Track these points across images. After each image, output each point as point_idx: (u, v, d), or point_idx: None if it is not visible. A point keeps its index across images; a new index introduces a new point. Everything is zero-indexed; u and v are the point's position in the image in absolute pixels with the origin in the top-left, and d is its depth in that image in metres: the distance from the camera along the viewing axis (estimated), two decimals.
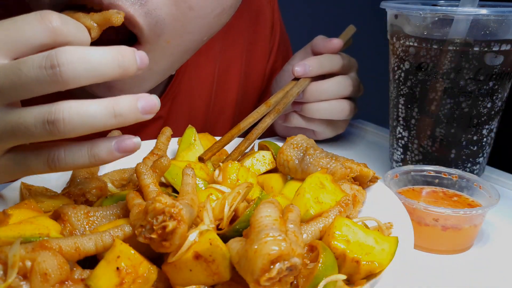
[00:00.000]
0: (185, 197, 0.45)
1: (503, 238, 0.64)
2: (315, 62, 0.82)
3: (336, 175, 0.58)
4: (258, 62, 1.05)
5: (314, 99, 0.83)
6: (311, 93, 0.82)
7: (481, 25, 0.65)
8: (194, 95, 0.96)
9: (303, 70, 0.81)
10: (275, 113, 0.73)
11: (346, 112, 0.86)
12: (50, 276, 0.39)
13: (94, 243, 0.43)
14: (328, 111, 0.84)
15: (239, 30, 0.99)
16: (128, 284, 0.41)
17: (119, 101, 0.43)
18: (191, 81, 0.94)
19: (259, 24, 1.03)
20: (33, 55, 0.42)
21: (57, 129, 0.42)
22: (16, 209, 0.49)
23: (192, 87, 0.95)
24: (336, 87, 0.83)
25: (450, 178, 0.68)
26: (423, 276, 0.56)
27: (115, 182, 0.62)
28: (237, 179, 0.57)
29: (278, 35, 1.07)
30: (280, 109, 0.74)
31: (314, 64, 0.81)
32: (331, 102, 0.84)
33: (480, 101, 0.70)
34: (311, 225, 0.49)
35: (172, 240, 0.41)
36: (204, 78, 0.97)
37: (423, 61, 0.70)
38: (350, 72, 0.88)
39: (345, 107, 0.85)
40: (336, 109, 0.84)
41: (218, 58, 0.98)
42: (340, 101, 0.84)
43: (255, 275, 0.38)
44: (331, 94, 0.83)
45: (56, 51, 0.42)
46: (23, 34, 0.44)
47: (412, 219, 0.58)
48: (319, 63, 0.82)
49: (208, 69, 0.96)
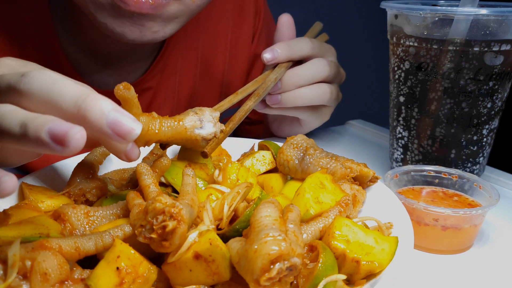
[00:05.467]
0: (185, 197, 0.46)
1: (503, 238, 0.64)
2: (284, 45, 0.79)
3: (336, 175, 0.58)
4: (243, 44, 1.06)
5: (292, 86, 0.79)
6: (287, 80, 0.79)
7: (481, 25, 0.65)
8: (182, 70, 0.99)
9: (272, 55, 0.78)
10: (255, 96, 0.71)
11: (327, 95, 0.82)
12: (50, 276, 0.39)
13: (94, 243, 0.43)
14: (308, 96, 0.80)
15: (223, 11, 1.02)
16: (128, 284, 0.41)
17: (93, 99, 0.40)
18: (178, 57, 0.97)
19: (243, 9, 1.05)
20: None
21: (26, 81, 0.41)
22: (16, 209, 0.49)
23: (180, 63, 0.98)
24: (312, 70, 0.80)
25: (450, 178, 0.68)
26: (423, 276, 0.56)
27: (115, 182, 0.62)
28: (237, 179, 0.57)
29: (261, 21, 1.09)
30: (260, 93, 0.71)
31: (283, 47, 0.78)
32: (310, 87, 0.80)
33: (480, 101, 0.70)
34: (311, 225, 0.49)
35: (172, 240, 0.41)
36: (191, 57, 1.00)
37: (423, 61, 0.70)
38: (326, 56, 0.84)
39: (326, 90, 0.81)
40: (316, 93, 0.80)
41: (203, 36, 1.01)
42: (319, 84, 0.81)
43: (255, 275, 0.38)
44: (308, 77, 0.80)
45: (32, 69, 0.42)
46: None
47: (412, 219, 0.58)
48: (287, 46, 0.79)
49: (193, 48, 1.00)
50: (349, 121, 1.11)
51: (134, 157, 0.49)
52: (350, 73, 3.10)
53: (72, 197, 0.56)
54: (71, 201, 0.55)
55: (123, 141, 0.40)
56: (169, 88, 0.99)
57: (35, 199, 0.54)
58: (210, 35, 1.02)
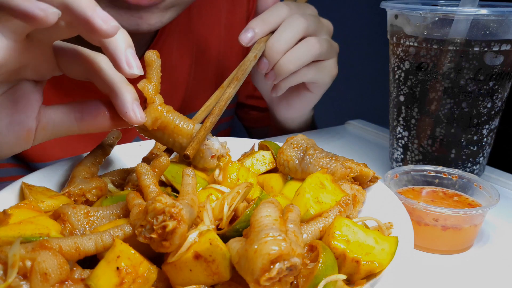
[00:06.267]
0: (185, 197, 0.46)
1: (503, 238, 0.64)
2: (258, 21, 0.75)
3: (336, 175, 0.58)
4: (237, 29, 1.03)
5: (277, 54, 0.74)
6: (270, 51, 0.74)
7: (481, 25, 0.65)
8: (177, 57, 0.98)
9: (249, 37, 0.74)
10: (235, 81, 0.67)
11: (316, 45, 0.76)
12: (50, 276, 0.39)
13: (94, 243, 0.43)
14: (299, 54, 0.75)
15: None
16: (128, 284, 0.41)
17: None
18: (173, 44, 0.97)
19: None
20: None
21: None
22: (16, 209, 0.49)
23: (174, 50, 0.98)
24: (290, 29, 0.74)
25: (450, 178, 0.68)
26: (423, 276, 0.56)
27: (115, 182, 0.62)
28: (237, 178, 0.57)
29: (255, 3, 1.07)
30: (240, 76, 0.68)
31: (258, 24, 0.74)
32: (296, 46, 0.75)
33: (480, 101, 0.70)
34: (311, 225, 0.49)
35: (172, 240, 0.41)
36: (186, 43, 1.00)
37: (423, 61, 0.70)
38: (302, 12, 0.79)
39: (314, 42, 0.76)
40: (305, 48, 0.75)
41: (197, 22, 1.01)
42: (304, 40, 0.76)
43: (255, 275, 0.38)
44: (290, 38, 0.74)
45: None
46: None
47: (412, 219, 0.58)
48: (262, 21, 0.74)
49: (188, 35, 1.00)
50: (349, 121, 1.11)
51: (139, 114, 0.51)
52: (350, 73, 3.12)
53: (72, 197, 0.56)
54: (71, 201, 0.55)
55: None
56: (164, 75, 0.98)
57: (35, 199, 0.54)
58: (204, 21, 1.02)
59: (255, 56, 0.72)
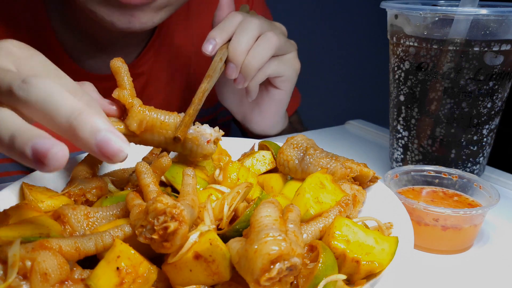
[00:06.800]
0: (186, 197, 0.46)
1: (503, 238, 0.64)
2: (217, 30, 0.78)
3: (336, 175, 0.58)
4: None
5: (241, 54, 0.78)
6: (234, 54, 0.77)
7: (481, 25, 0.65)
8: (175, 55, 0.99)
9: (211, 47, 0.77)
10: (207, 78, 0.70)
11: (274, 38, 0.79)
12: (50, 276, 0.39)
13: (94, 243, 0.43)
14: (260, 49, 0.78)
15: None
16: (128, 284, 0.41)
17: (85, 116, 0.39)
18: (171, 42, 0.98)
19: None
20: None
21: (25, 89, 0.40)
22: (16, 209, 0.49)
23: (173, 48, 0.99)
24: (246, 30, 0.78)
25: (450, 178, 0.68)
26: (423, 276, 0.56)
27: (115, 182, 0.62)
28: (237, 178, 0.57)
29: (253, 1, 1.09)
30: (211, 73, 0.71)
31: (217, 33, 0.78)
32: (255, 43, 0.79)
33: (480, 101, 0.70)
34: (311, 225, 0.49)
35: (173, 241, 0.41)
36: (185, 41, 1.01)
37: (423, 61, 0.70)
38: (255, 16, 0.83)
39: (271, 35, 0.79)
40: (264, 42, 0.79)
41: (196, 21, 1.02)
42: (263, 35, 0.79)
43: (255, 275, 0.38)
44: (248, 38, 0.78)
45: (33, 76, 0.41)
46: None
47: (412, 219, 0.58)
48: (219, 29, 0.78)
49: (187, 33, 1.01)
50: (349, 121, 1.11)
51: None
52: (350, 73, 3.13)
53: (72, 197, 0.56)
54: (71, 201, 0.55)
55: (111, 161, 0.40)
56: (162, 73, 0.99)
57: (35, 199, 0.54)
58: (203, 20, 1.03)
59: (220, 58, 0.76)
